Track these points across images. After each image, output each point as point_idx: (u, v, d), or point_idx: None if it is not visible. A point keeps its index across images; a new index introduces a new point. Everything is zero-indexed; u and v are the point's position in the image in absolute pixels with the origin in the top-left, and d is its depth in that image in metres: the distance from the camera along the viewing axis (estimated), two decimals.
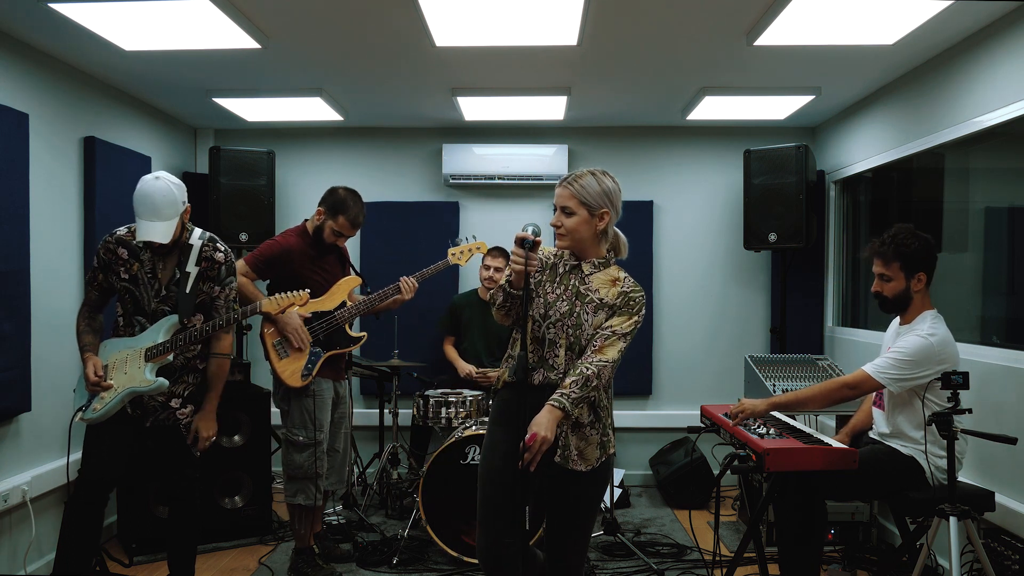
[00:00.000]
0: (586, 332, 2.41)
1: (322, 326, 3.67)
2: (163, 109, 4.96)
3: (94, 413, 3.01)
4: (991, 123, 3.38)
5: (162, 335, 3.04)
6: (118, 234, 3.09)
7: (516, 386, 2.42)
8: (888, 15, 3.26)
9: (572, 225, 2.45)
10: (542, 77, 4.26)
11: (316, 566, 3.70)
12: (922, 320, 3.11)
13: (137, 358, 3.03)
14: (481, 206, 5.53)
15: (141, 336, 3.07)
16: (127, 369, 3.03)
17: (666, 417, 5.43)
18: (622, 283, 2.47)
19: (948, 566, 2.67)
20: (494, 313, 2.52)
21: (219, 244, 3.16)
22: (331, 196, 3.77)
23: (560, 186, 2.50)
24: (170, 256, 3.09)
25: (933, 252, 3.13)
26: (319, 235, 3.73)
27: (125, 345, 3.08)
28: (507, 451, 2.36)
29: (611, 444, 2.49)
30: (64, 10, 3.18)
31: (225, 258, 3.15)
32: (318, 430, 3.62)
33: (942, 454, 2.94)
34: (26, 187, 3.54)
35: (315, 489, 3.62)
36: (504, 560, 2.40)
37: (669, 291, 5.50)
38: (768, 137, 5.28)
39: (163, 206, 2.92)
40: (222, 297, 3.14)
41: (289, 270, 3.64)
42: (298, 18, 3.39)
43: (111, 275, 3.09)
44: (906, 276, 3.11)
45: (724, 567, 3.54)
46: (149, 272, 3.06)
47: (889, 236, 3.15)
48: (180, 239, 3.08)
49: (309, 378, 3.60)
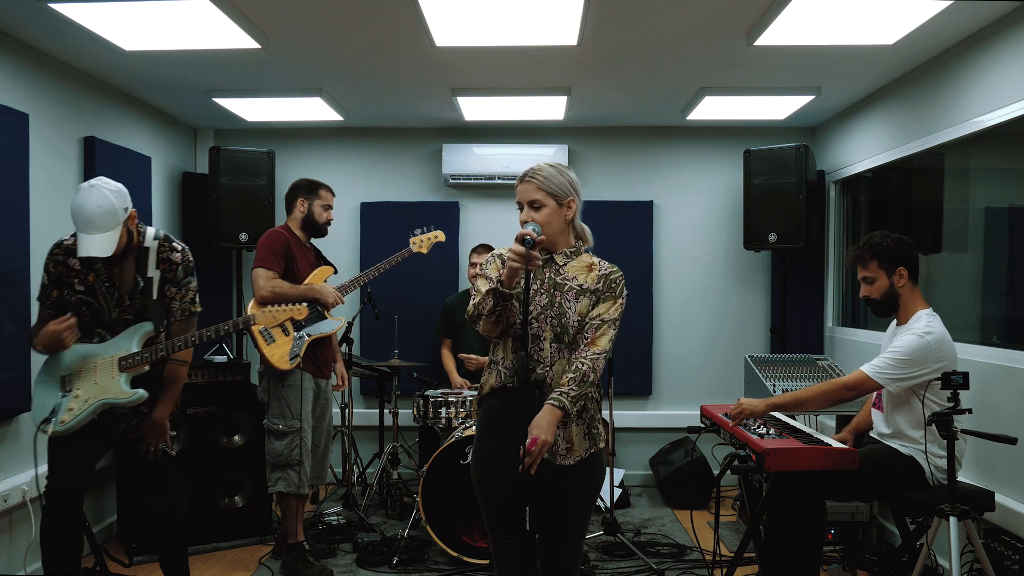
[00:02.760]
0: (571, 320, 2.38)
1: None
2: (163, 109, 4.96)
3: (62, 426, 2.80)
4: (991, 123, 3.38)
5: (135, 344, 2.87)
6: (65, 243, 2.89)
7: (511, 389, 2.36)
8: (888, 15, 3.26)
9: (543, 218, 2.41)
10: (542, 77, 4.26)
11: (308, 564, 3.73)
12: (917, 319, 3.12)
13: (109, 367, 2.84)
14: (481, 206, 5.53)
15: (110, 344, 2.89)
16: (97, 378, 2.83)
17: (666, 417, 5.43)
18: (598, 267, 2.45)
19: (948, 566, 2.67)
20: (482, 325, 2.38)
21: (175, 243, 2.99)
22: (297, 187, 3.97)
23: (522, 183, 2.47)
24: (126, 262, 2.90)
25: (909, 248, 3.18)
26: (311, 223, 3.92)
27: (91, 352, 2.87)
28: (506, 457, 2.30)
29: (601, 437, 2.44)
30: (64, 10, 3.18)
31: (182, 258, 2.97)
32: (295, 418, 3.73)
33: (942, 454, 2.94)
34: (26, 187, 3.54)
35: (296, 476, 3.72)
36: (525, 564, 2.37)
37: (669, 291, 5.50)
38: (768, 137, 5.28)
39: (98, 217, 2.72)
40: (178, 298, 2.96)
41: (291, 258, 3.79)
42: (298, 18, 3.39)
43: (64, 289, 2.88)
44: (887, 273, 3.17)
45: (724, 567, 3.54)
46: (106, 281, 2.88)
47: (862, 241, 3.26)
48: (132, 244, 2.90)
49: (297, 359, 3.71)
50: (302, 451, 3.76)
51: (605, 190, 5.47)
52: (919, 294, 3.21)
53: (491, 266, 2.48)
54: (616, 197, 5.47)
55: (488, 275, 2.44)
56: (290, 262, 3.80)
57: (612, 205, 5.44)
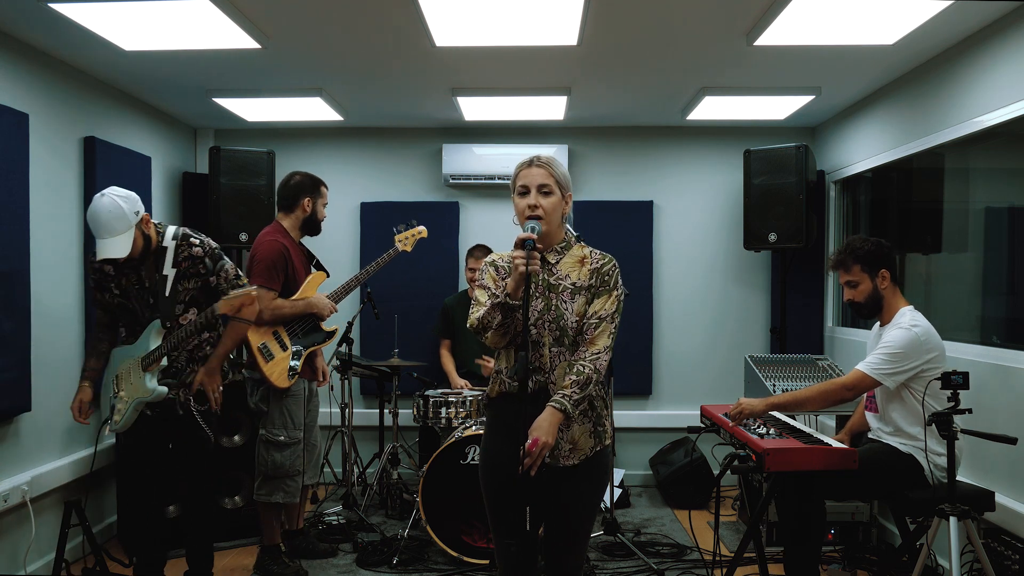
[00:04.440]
0: (569, 321, 2.34)
1: (301, 324, 3.74)
2: (163, 109, 4.96)
3: (116, 424, 3.16)
4: (991, 123, 3.38)
5: (152, 341, 3.12)
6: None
7: (512, 394, 2.36)
8: (888, 15, 3.26)
9: (551, 206, 2.35)
10: (542, 77, 4.26)
11: (283, 563, 3.72)
12: (901, 315, 3.18)
13: (136, 367, 3.12)
14: (481, 206, 5.53)
15: (137, 344, 3.15)
16: (132, 379, 3.13)
17: (666, 417, 5.43)
18: (590, 259, 2.41)
19: (948, 566, 2.67)
20: (490, 337, 2.35)
21: (192, 238, 3.19)
22: (302, 184, 3.82)
23: (532, 166, 2.38)
24: (148, 264, 3.14)
25: (889, 250, 3.25)
26: (312, 222, 3.85)
27: (127, 355, 3.16)
28: (509, 458, 2.30)
29: (607, 435, 2.41)
30: (64, 10, 3.18)
31: (203, 249, 3.18)
32: (297, 429, 3.70)
33: (941, 451, 2.95)
34: (26, 187, 3.54)
35: (296, 485, 3.71)
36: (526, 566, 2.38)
37: (669, 291, 5.50)
38: (768, 137, 5.28)
39: (111, 221, 2.96)
40: (224, 282, 3.20)
41: (290, 268, 3.67)
42: (298, 18, 3.39)
43: (105, 293, 3.16)
44: (870, 276, 3.23)
45: (724, 567, 3.54)
46: (136, 284, 3.14)
47: (842, 246, 3.32)
48: (150, 246, 3.12)
49: (295, 377, 3.65)
50: (304, 460, 3.75)
51: (605, 190, 5.47)
52: (900, 294, 3.28)
53: (487, 276, 2.45)
54: (616, 197, 5.47)
55: (485, 285, 2.41)
56: (289, 274, 3.67)
57: (612, 205, 5.44)
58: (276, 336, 3.64)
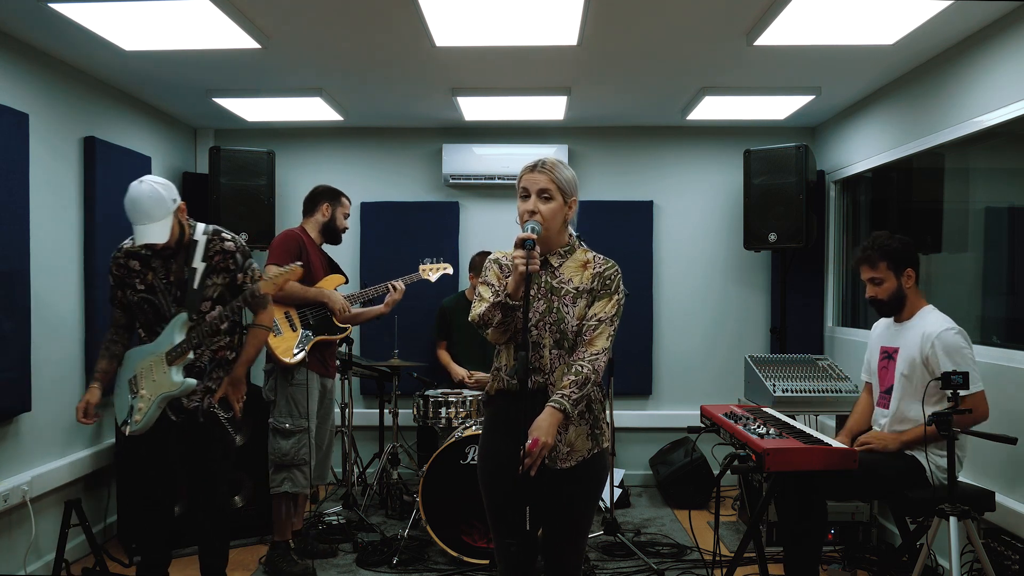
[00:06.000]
0: (570, 325, 2.36)
1: (313, 313, 3.87)
2: (163, 109, 4.96)
3: (136, 425, 3.07)
4: (991, 123, 3.38)
5: (177, 335, 3.06)
6: (125, 247, 3.12)
7: (511, 392, 2.37)
8: (888, 15, 3.26)
9: (550, 212, 2.35)
10: (542, 77, 4.26)
11: (291, 561, 3.74)
12: (924, 315, 3.16)
13: (160, 363, 3.06)
14: (481, 206, 5.53)
15: (159, 340, 3.09)
16: (155, 376, 3.07)
17: (666, 417, 5.43)
18: (593, 264, 2.42)
19: (948, 566, 2.67)
20: (490, 334, 2.38)
21: (224, 234, 3.19)
22: (320, 192, 4.00)
23: (535, 171, 2.37)
24: (178, 257, 3.11)
25: (915, 249, 3.21)
26: (331, 229, 3.97)
27: (147, 352, 3.11)
28: (508, 457, 2.30)
29: (604, 437, 2.43)
30: (64, 10, 3.18)
31: (235, 245, 3.18)
32: (303, 417, 3.74)
33: (942, 452, 2.94)
34: (26, 187, 3.54)
35: (303, 476, 3.73)
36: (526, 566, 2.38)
37: (669, 291, 5.50)
38: (768, 137, 5.28)
39: (151, 207, 2.94)
40: (249, 281, 3.18)
41: (306, 258, 3.78)
42: (298, 18, 3.39)
43: (127, 290, 3.12)
44: (896, 274, 3.18)
45: (724, 567, 3.54)
46: (164, 279, 3.10)
47: (869, 241, 3.24)
48: (183, 238, 3.10)
49: (302, 355, 3.73)
50: (309, 450, 3.77)
51: (605, 190, 5.47)
52: (920, 294, 3.25)
53: (490, 272, 2.46)
54: (616, 197, 5.47)
55: (489, 281, 2.42)
56: (305, 262, 3.76)
57: (612, 205, 5.44)
58: (287, 316, 3.77)
